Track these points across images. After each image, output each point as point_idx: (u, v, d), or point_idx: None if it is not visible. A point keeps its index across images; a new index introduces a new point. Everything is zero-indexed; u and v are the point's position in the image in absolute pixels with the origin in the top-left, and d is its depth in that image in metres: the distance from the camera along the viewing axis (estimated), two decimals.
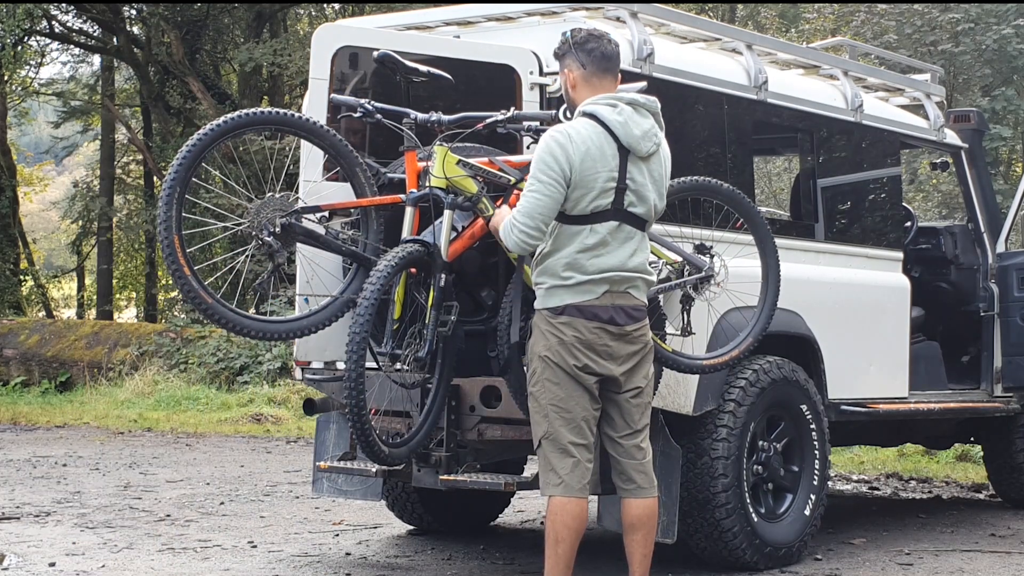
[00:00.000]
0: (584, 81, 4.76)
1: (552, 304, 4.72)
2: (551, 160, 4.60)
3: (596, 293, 4.70)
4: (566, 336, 4.68)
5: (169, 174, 4.91)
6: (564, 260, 4.69)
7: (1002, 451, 8.45)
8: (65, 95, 27.90)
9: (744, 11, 21.22)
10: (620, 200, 4.68)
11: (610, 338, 4.72)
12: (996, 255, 8.34)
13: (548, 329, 4.72)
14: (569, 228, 4.68)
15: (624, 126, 4.67)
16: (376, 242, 5.31)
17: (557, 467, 4.69)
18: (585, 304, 4.69)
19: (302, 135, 5.30)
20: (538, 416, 4.75)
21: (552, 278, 4.72)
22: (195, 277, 4.88)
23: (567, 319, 4.69)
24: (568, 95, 4.83)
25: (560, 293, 4.71)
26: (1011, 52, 14.76)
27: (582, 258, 4.68)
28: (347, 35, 5.77)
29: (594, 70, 4.76)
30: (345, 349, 4.86)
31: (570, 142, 4.61)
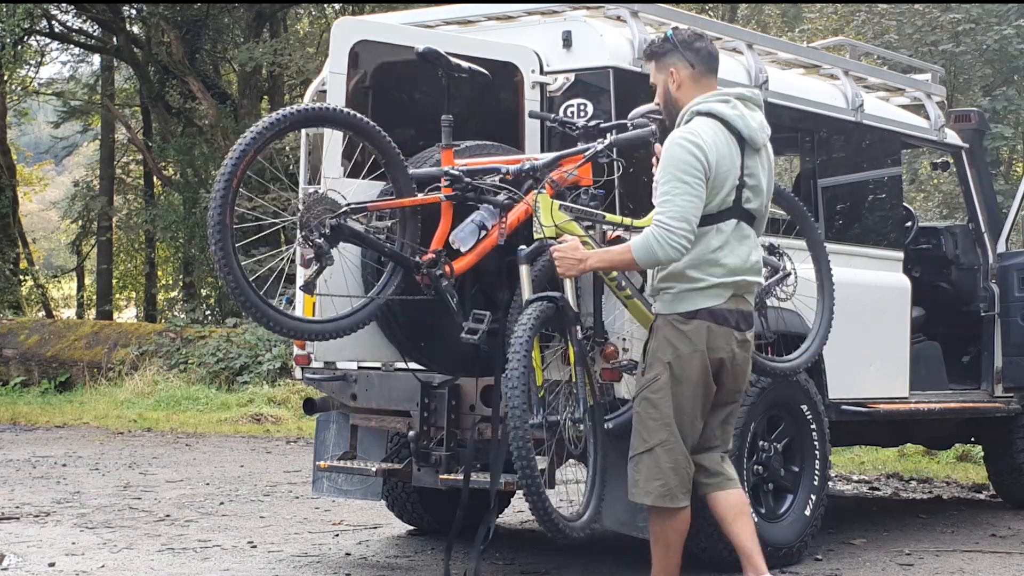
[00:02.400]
0: (692, 81, 4.72)
1: (683, 309, 4.66)
2: (692, 160, 4.54)
3: (724, 297, 4.66)
4: (697, 343, 4.63)
5: (223, 169, 4.83)
6: (693, 262, 4.61)
7: (1003, 451, 8.44)
8: (65, 95, 27.88)
9: (746, 10, 21.21)
10: (739, 197, 4.66)
11: (735, 344, 4.71)
12: (997, 255, 8.33)
13: (676, 335, 4.65)
14: (697, 230, 4.60)
15: (742, 119, 4.64)
16: (413, 241, 5.29)
17: (668, 478, 4.66)
18: (716, 308, 4.65)
19: (350, 132, 5.25)
20: (654, 424, 4.67)
21: (681, 282, 4.66)
22: (243, 274, 4.86)
23: (699, 324, 4.64)
24: (670, 95, 4.78)
25: (692, 297, 4.65)
26: (1012, 52, 14.75)
27: (712, 259, 4.63)
28: (365, 30, 5.76)
29: (703, 70, 4.73)
30: (508, 425, 4.70)
31: (703, 142, 4.56)
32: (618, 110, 5.74)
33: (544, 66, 5.92)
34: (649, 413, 4.68)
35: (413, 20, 6.35)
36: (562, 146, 5.75)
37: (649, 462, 4.66)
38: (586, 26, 5.97)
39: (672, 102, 4.78)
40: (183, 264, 25.43)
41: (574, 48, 5.93)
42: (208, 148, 21.94)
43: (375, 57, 5.87)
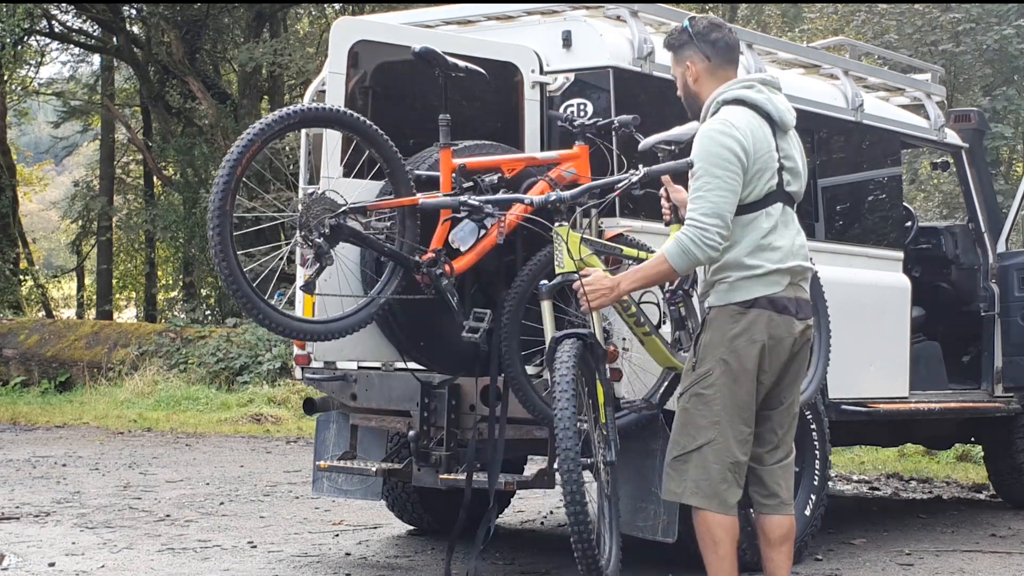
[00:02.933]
0: (709, 74, 4.56)
1: (740, 298, 4.42)
2: (726, 152, 4.36)
3: (783, 284, 4.44)
4: (756, 334, 4.39)
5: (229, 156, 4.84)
6: (748, 249, 4.41)
7: (1003, 451, 8.45)
8: (65, 95, 27.88)
9: (746, 10, 21.21)
10: (781, 180, 4.50)
11: (797, 333, 4.47)
12: (997, 255, 8.33)
13: (732, 327, 4.41)
14: (744, 217, 4.42)
15: (770, 102, 4.50)
16: (413, 241, 5.29)
17: (715, 479, 4.41)
18: (775, 296, 4.42)
19: (348, 132, 5.26)
20: (704, 422, 4.41)
21: (737, 270, 4.42)
22: (243, 274, 4.86)
23: (758, 312, 4.40)
24: (688, 89, 4.61)
25: (749, 285, 4.42)
26: (1012, 52, 14.75)
27: (765, 244, 4.42)
28: (364, 30, 5.77)
29: (720, 61, 4.57)
30: (559, 470, 4.55)
31: (737, 130, 4.39)
32: (618, 110, 5.75)
33: (544, 66, 5.92)
34: (699, 410, 4.42)
35: (413, 20, 6.35)
36: (562, 146, 5.75)
37: (698, 461, 4.41)
38: (586, 26, 5.97)
39: (691, 95, 4.63)
40: (183, 264, 25.44)
41: (574, 48, 5.94)
42: (208, 148, 21.93)
43: (375, 57, 5.87)
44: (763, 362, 4.41)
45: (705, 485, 4.40)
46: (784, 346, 4.44)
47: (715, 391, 4.40)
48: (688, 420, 4.45)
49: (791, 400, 4.58)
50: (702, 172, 4.37)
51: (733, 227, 4.40)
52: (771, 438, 4.56)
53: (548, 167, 5.58)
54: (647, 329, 5.11)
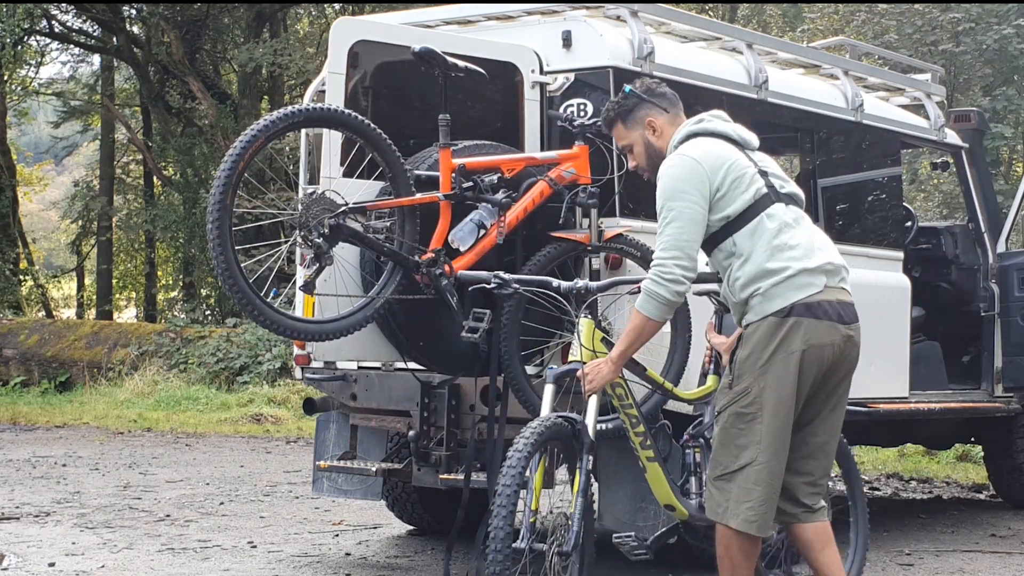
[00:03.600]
0: (670, 124, 4.55)
1: (776, 307, 4.22)
2: (678, 182, 4.27)
3: (818, 286, 4.25)
4: (794, 346, 4.19)
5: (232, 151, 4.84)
6: (765, 254, 4.24)
7: (1002, 451, 8.45)
8: (65, 95, 27.89)
9: (747, 10, 21.22)
10: (770, 184, 4.35)
11: (840, 339, 4.26)
12: (996, 255, 8.33)
13: (769, 340, 4.21)
14: (745, 228, 4.28)
15: (726, 126, 4.48)
16: (412, 241, 5.29)
17: (757, 502, 4.21)
18: (812, 300, 4.23)
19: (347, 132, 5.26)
20: (744, 441, 4.21)
21: (765, 278, 4.24)
22: (240, 270, 4.86)
23: (795, 321, 4.20)
24: (652, 147, 4.54)
25: (782, 291, 4.23)
26: (1012, 52, 14.75)
27: (780, 244, 4.26)
28: (364, 30, 5.77)
29: (675, 111, 4.59)
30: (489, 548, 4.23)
31: (687, 157, 4.32)
32: None
33: (544, 66, 5.92)
34: (740, 430, 4.23)
35: (413, 20, 6.36)
36: (562, 146, 5.76)
37: (740, 482, 4.22)
38: (586, 26, 5.98)
39: (656, 153, 4.53)
40: (183, 264, 25.43)
41: (574, 48, 5.94)
42: (208, 148, 21.94)
43: (375, 57, 5.87)
44: (802, 373, 4.22)
45: (746, 508, 4.22)
46: (824, 355, 4.24)
47: (755, 409, 4.22)
48: (729, 440, 4.28)
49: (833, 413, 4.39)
50: (660, 208, 4.30)
51: (740, 241, 4.27)
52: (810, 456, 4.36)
53: (548, 167, 5.59)
54: (652, 454, 4.79)
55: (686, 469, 5.07)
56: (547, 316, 5.53)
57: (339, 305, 5.32)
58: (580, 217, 5.64)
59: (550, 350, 5.69)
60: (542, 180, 5.52)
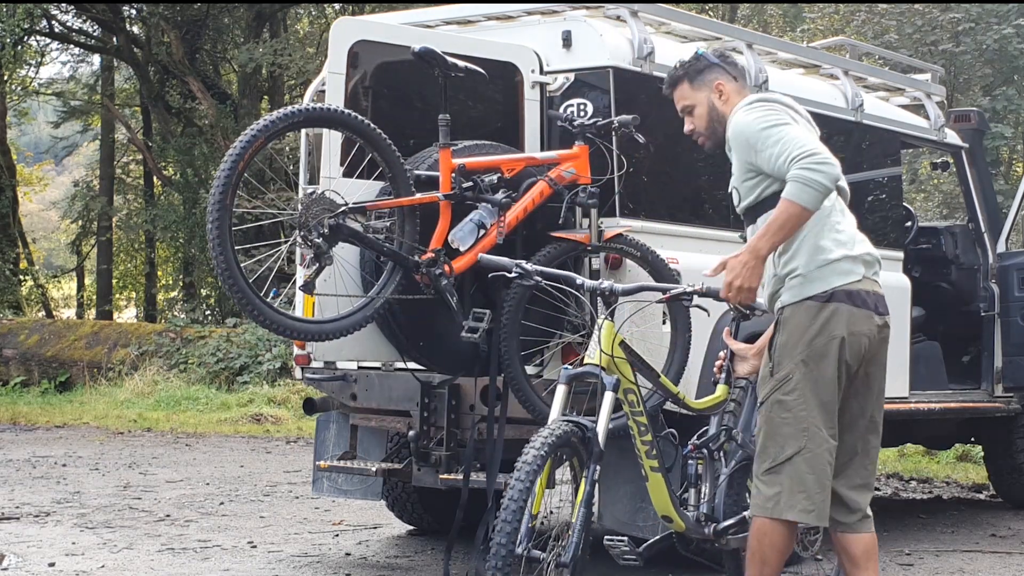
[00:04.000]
0: (737, 92, 4.41)
1: (817, 290, 4.07)
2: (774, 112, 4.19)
3: (858, 274, 4.12)
4: (836, 331, 4.05)
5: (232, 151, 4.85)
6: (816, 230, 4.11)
7: (1003, 451, 8.45)
8: (65, 95, 27.89)
9: (747, 10, 21.22)
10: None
11: (876, 330, 4.14)
12: (996, 255, 8.33)
13: (809, 323, 4.07)
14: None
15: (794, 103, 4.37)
16: (412, 241, 5.29)
17: (812, 491, 4.06)
18: (852, 288, 4.09)
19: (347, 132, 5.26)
20: (790, 430, 4.06)
21: (810, 255, 4.10)
22: (240, 270, 4.86)
23: (836, 306, 4.06)
24: (716, 112, 4.39)
25: (824, 275, 4.09)
26: (1012, 52, 14.75)
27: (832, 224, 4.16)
28: (364, 30, 5.78)
29: (743, 81, 4.49)
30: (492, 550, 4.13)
31: (775, 99, 4.28)
32: (618, 110, 5.75)
33: (544, 66, 5.92)
34: (784, 418, 4.09)
35: (413, 20, 6.36)
36: (562, 146, 5.76)
37: (791, 472, 4.06)
38: (586, 26, 5.98)
39: (719, 118, 4.40)
40: (183, 264, 25.43)
41: (574, 48, 5.94)
42: (208, 148, 21.94)
43: (375, 57, 5.87)
44: (841, 362, 4.09)
45: (802, 498, 4.07)
46: (862, 344, 4.11)
47: (798, 395, 4.08)
48: (774, 430, 4.13)
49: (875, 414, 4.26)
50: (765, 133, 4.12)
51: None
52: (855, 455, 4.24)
53: (548, 167, 5.59)
54: (656, 464, 4.62)
55: (687, 480, 4.95)
56: (547, 316, 5.53)
57: (339, 305, 5.32)
58: (580, 217, 5.64)
59: (550, 350, 5.69)
60: (542, 180, 5.53)
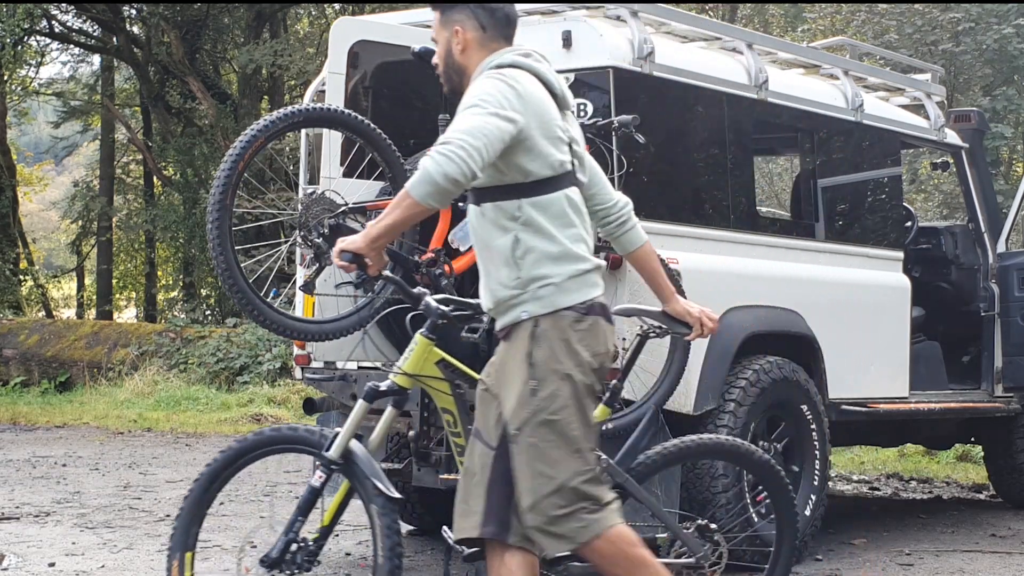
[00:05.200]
0: (480, 46, 3.77)
1: (574, 300, 3.64)
2: (499, 95, 3.59)
3: (601, 286, 3.72)
4: (594, 345, 3.66)
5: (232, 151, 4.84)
6: (568, 239, 3.65)
7: (1003, 451, 8.45)
8: (65, 95, 27.90)
9: (748, 10, 21.22)
10: (574, 161, 3.76)
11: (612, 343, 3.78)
12: (996, 255, 8.33)
13: (571, 336, 3.63)
14: (542, 199, 3.65)
15: (551, 74, 3.80)
16: (412, 241, 5.29)
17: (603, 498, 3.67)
18: (601, 301, 3.71)
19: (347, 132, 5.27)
20: (566, 451, 3.61)
21: (563, 263, 3.64)
22: (240, 270, 4.86)
23: (595, 320, 3.66)
24: (452, 59, 3.80)
25: (578, 286, 3.65)
26: (1012, 52, 14.75)
27: (578, 236, 3.68)
28: (364, 30, 5.77)
29: (495, 34, 3.79)
30: None
31: (517, 83, 3.64)
32: (618, 110, 5.75)
33: None
34: (554, 441, 3.60)
35: (413, 20, 6.36)
36: None
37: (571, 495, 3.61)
38: (586, 26, 5.98)
39: (455, 67, 3.81)
40: (183, 264, 25.45)
41: (574, 48, 5.94)
42: (208, 148, 21.95)
43: (375, 57, 5.87)
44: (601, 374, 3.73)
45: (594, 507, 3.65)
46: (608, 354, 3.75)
47: (568, 415, 3.61)
48: (538, 456, 3.61)
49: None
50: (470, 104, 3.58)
51: (539, 210, 3.64)
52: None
53: None
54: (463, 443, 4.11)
55: None
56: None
57: (339, 305, 5.32)
58: None
59: None
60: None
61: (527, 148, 3.62)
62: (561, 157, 3.68)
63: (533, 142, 3.62)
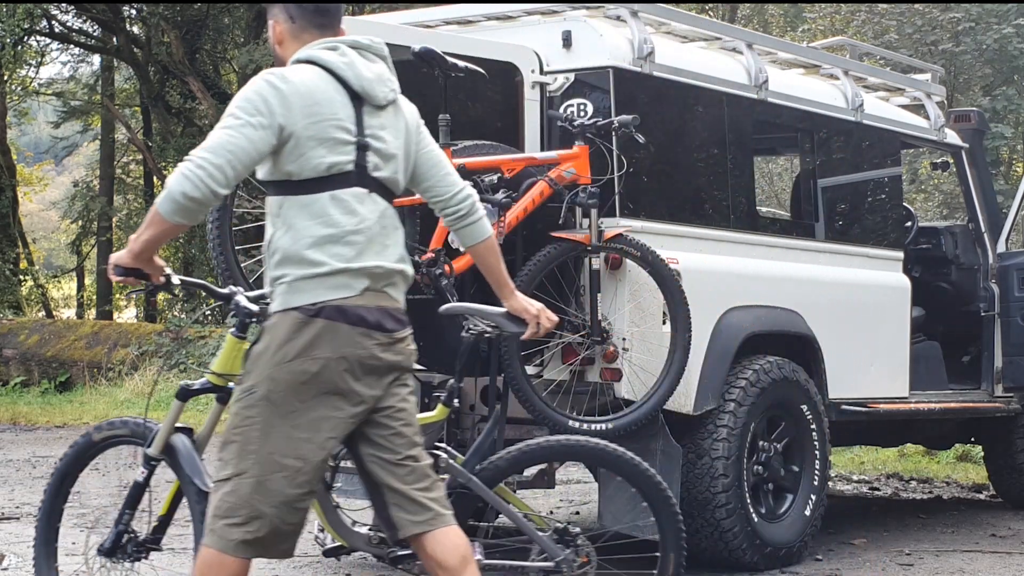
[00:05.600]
0: (293, 37, 3.76)
1: (301, 302, 3.54)
2: (258, 99, 3.54)
3: (356, 289, 3.59)
4: (318, 348, 3.52)
5: None
6: (309, 240, 3.55)
7: (1003, 451, 8.45)
8: (65, 95, 27.91)
9: (747, 10, 21.23)
10: (363, 159, 3.63)
11: (378, 348, 3.63)
12: (997, 255, 8.33)
13: (289, 337, 3.52)
14: (303, 199, 3.56)
15: (351, 67, 3.66)
16: (412, 241, 5.29)
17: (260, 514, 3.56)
18: (347, 304, 3.57)
19: None
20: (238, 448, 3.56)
21: (297, 266, 3.55)
22: (240, 270, 4.86)
23: (324, 324, 3.53)
24: (275, 53, 3.85)
25: (311, 287, 3.55)
26: (1012, 51, 14.75)
27: (334, 236, 3.56)
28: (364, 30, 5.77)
29: (305, 24, 3.75)
30: None
31: (285, 82, 3.57)
32: (618, 110, 5.75)
33: (544, 66, 5.92)
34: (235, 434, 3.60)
35: (413, 20, 6.36)
36: (562, 146, 5.76)
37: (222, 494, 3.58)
38: (586, 26, 5.98)
39: (277, 60, 3.83)
40: (183, 264, 25.44)
41: (574, 48, 5.94)
42: None
43: None
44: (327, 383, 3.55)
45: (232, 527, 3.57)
46: (365, 357, 3.60)
47: (256, 413, 3.56)
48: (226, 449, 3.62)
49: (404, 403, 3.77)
50: (226, 115, 3.61)
51: (292, 211, 3.58)
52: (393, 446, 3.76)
53: (548, 167, 5.59)
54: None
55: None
56: None
57: None
58: (580, 217, 5.64)
59: (550, 350, 5.69)
60: (542, 180, 5.53)
61: (288, 150, 3.55)
62: (332, 160, 3.57)
63: (296, 144, 3.55)
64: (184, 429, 4.44)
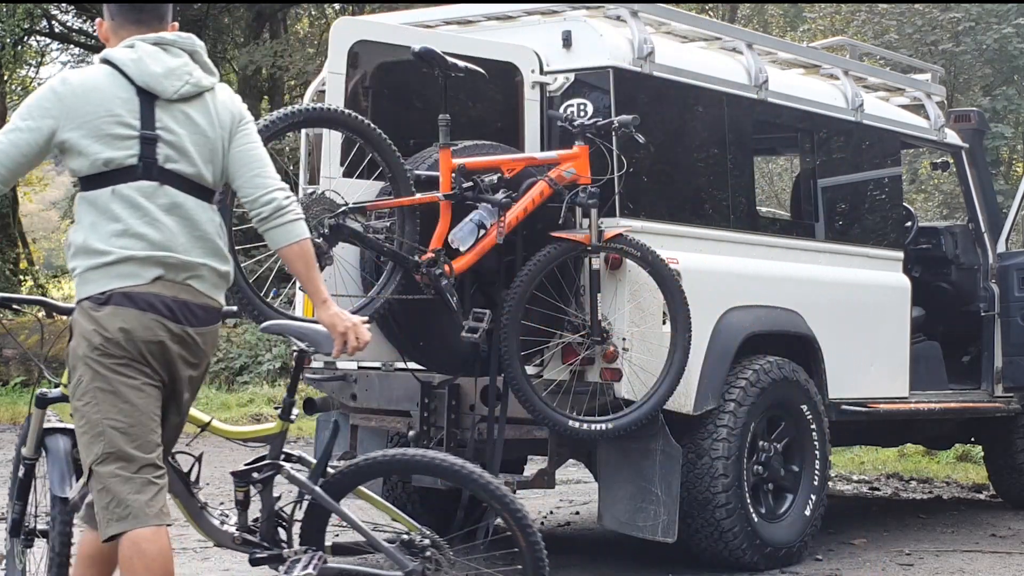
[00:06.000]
0: (113, 34, 3.82)
1: (93, 291, 3.70)
2: (34, 103, 3.68)
3: (146, 278, 3.68)
4: (110, 331, 3.65)
5: None
6: (96, 234, 3.72)
7: (1003, 451, 8.45)
8: None
9: (748, 10, 21.23)
10: (150, 153, 3.68)
11: (169, 337, 3.70)
12: (997, 255, 8.33)
13: (90, 324, 3.68)
14: (89, 194, 3.74)
15: (137, 63, 3.70)
16: (412, 241, 5.29)
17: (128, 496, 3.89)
18: (135, 291, 3.67)
19: (347, 132, 5.27)
20: (89, 435, 3.71)
21: (85, 257, 3.73)
22: (240, 270, 4.86)
23: (112, 310, 3.66)
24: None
25: (97, 277, 3.71)
26: (1012, 51, 14.75)
27: (118, 230, 3.69)
28: (364, 30, 5.78)
29: (122, 21, 3.81)
30: None
31: (64, 84, 3.67)
32: (618, 110, 5.75)
33: (544, 66, 5.92)
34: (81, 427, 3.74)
35: (413, 20, 6.36)
36: (562, 146, 5.76)
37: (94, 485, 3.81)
38: (586, 26, 5.98)
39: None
40: None
41: (574, 48, 5.94)
42: None
43: (375, 57, 5.87)
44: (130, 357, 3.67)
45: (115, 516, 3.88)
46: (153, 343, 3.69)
47: (92, 399, 3.69)
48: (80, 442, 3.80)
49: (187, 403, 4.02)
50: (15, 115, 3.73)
51: (80, 206, 3.78)
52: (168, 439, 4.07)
53: (548, 167, 5.59)
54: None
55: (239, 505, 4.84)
56: (547, 316, 5.54)
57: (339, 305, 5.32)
58: (580, 217, 5.64)
59: (550, 350, 5.69)
60: (542, 180, 5.53)
61: (66, 148, 3.68)
62: (109, 155, 3.66)
63: (73, 142, 3.67)
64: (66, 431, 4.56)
